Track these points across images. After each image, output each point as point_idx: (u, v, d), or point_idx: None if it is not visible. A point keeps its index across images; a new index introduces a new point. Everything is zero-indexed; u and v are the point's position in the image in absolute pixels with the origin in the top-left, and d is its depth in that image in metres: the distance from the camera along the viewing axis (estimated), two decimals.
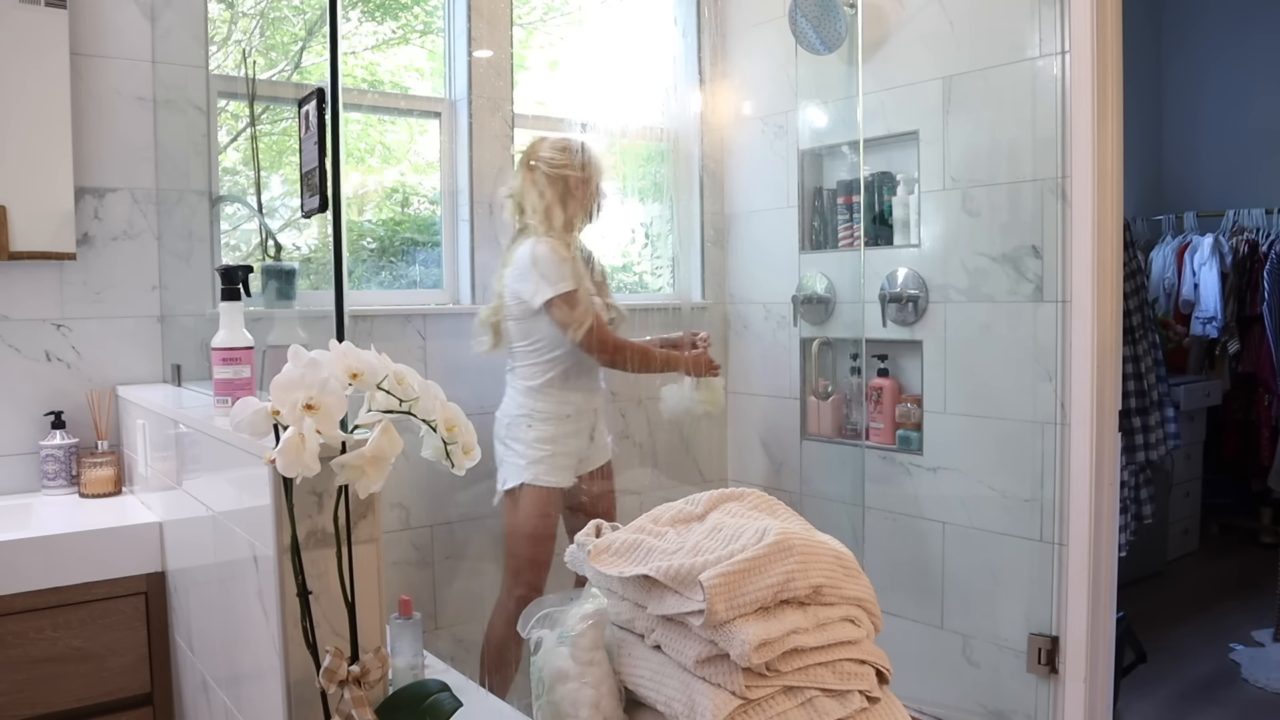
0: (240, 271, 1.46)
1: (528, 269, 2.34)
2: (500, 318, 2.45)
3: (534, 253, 2.34)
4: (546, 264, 2.33)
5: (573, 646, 1.11)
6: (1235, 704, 3.01)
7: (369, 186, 2.79)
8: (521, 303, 2.37)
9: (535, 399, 2.40)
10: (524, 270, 2.35)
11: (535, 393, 2.41)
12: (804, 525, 1.14)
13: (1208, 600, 3.94)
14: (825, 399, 3.02)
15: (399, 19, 2.85)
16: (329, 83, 1.24)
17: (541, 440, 2.39)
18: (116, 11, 2.15)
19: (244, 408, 1.00)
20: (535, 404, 2.40)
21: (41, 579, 1.66)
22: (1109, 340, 2.26)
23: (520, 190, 2.45)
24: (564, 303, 2.33)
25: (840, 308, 2.98)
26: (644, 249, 3.30)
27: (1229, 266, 4.56)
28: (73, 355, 2.13)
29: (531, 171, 2.42)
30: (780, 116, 3.12)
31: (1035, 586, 2.41)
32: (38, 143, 2.03)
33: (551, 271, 2.32)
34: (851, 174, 2.96)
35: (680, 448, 3.20)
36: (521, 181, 2.45)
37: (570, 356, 2.41)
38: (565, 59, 3.08)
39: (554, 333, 2.37)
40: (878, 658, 1.09)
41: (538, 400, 2.40)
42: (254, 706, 1.27)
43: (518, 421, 2.41)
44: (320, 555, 1.09)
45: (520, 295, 2.36)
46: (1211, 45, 5.01)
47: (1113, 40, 2.24)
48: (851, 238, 2.94)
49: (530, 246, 2.36)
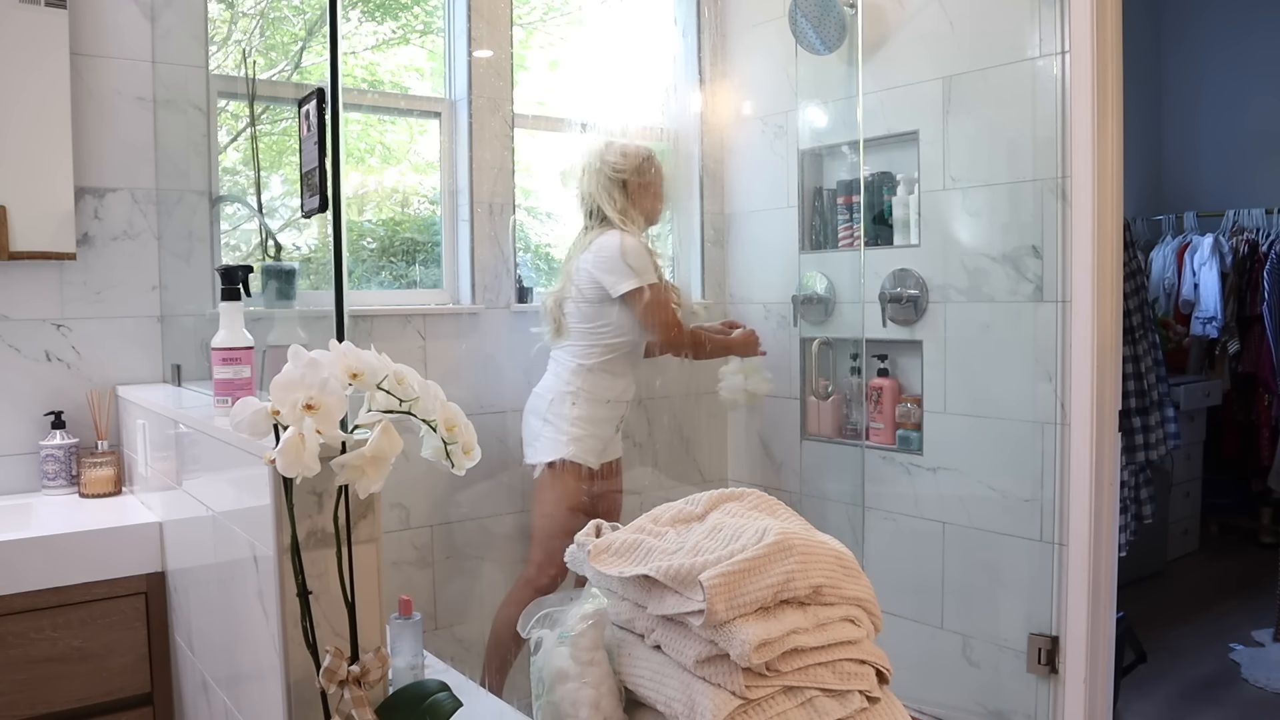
0: (240, 271, 1.46)
1: (616, 259, 2.46)
2: (563, 299, 2.56)
3: (623, 245, 2.47)
4: (634, 257, 2.47)
5: (573, 646, 1.11)
6: (1235, 704, 3.01)
7: (369, 186, 2.79)
8: (598, 288, 2.48)
9: (584, 378, 2.51)
10: (611, 259, 2.47)
11: (586, 372, 2.51)
12: (804, 525, 1.14)
13: (1208, 600, 3.94)
14: (825, 399, 3.02)
15: (399, 19, 2.85)
16: (329, 83, 1.24)
17: (582, 419, 2.49)
18: (116, 11, 2.15)
19: (244, 408, 1.00)
20: (583, 383, 2.50)
21: (41, 579, 1.66)
22: (1109, 340, 2.26)
23: (587, 191, 2.58)
24: (648, 294, 2.48)
25: (840, 308, 2.98)
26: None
27: (1229, 266, 4.56)
28: (73, 355, 2.13)
29: (596, 175, 2.57)
30: (780, 116, 3.12)
31: (1035, 586, 2.41)
32: (38, 143, 2.03)
33: (638, 264, 2.47)
34: (851, 174, 2.96)
35: (680, 448, 3.20)
36: (588, 183, 2.58)
37: (627, 346, 2.55)
38: (565, 59, 3.08)
39: (622, 320, 2.51)
40: (878, 658, 1.09)
41: (585, 380, 2.50)
42: (254, 706, 1.27)
43: (563, 397, 2.50)
44: (320, 555, 1.09)
45: (601, 282, 2.47)
46: (1211, 45, 5.01)
47: (1113, 40, 2.24)
48: (851, 238, 2.94)
49: (618, 238, 2.48)
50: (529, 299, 2.87)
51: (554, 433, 2.49)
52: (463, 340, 2.69)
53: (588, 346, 2.52)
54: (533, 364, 2.69)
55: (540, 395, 2.55)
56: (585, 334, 2.53)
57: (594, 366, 2.51)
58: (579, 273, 2.52)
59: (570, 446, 2.47)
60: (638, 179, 2.55)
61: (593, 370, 2.51)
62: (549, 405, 2.51)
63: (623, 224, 2.52)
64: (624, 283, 2.46)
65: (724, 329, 2.86)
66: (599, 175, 2.54)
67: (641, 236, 2.56)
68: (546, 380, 2.57)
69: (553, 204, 3.08)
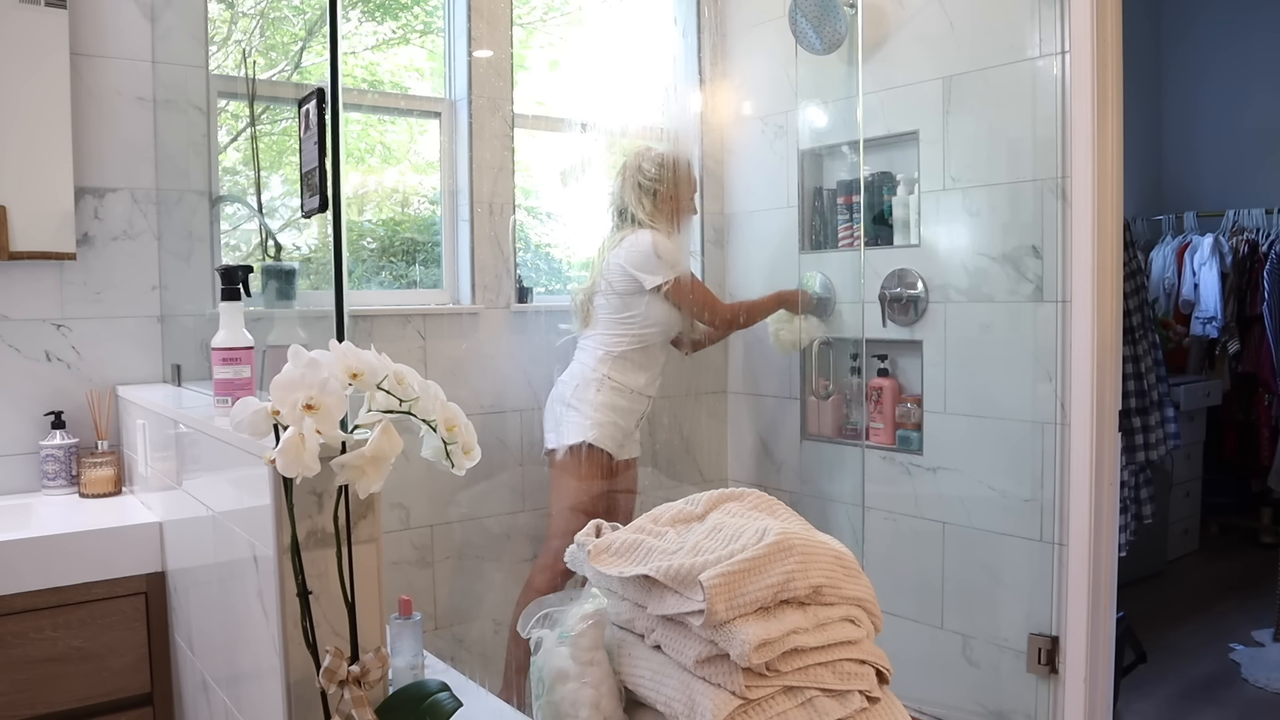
0: (240, 271, 1.46)
1: (649, 254, 2.57)
2: (593, 293, 2.65)
3: (654, 241, 2.58)
4: (666, 251, 2.59)
5: (573, 646, 1.11)
6: (1235, 704, 3.01)
7: (369, 186, 2.79)
8: (630, 280, 2.58)
9: (611, 366, 2.58)
10: (645, 254, 2.58)
11: (613, 360, 2.59)
12: (804, 525, 1.14)
13: (1208, 600, 3.94)
14: (825, 399, 3.02)
15: (399, 19, 2.85)
16: (329, 83, 1.24)
17: (606, 405, 2.56)
18: (116, 11, 2.15)
19: (244, 408, 1.00)
20: (610, 370, 2.58)
21: (41, 579, 1.66)
22: (1109, 340, 2.26)
23: (620, 194, 2.69)
24: (686, 283, 2.63)
25: (840, 308, 2.98)
26: None
27: (1229, 266, 4.56)
28: (73, 355, 2.13)
29: (631, 181, 2.68)
30: (780, 116, 3.12)
31: (1035, 586, 2.41)
32: (38, 143, 2.03)
33: (670, 258, 2.59)
34: (851, 174, 2.96)
35: (680, 448, 3.20)
36: (622, 187, 2.69)
37: (655, 336, 2.64)
38: (565, 59, 3.08)
39: (651, 312, 2.60)
40: (878, 658, 1.09)
41: (612, 368, 2.58)
42: (254, 706, 1.27)
43: (589, 383, 2.57)
44: (320, 555, 1.09)
45: (634, 275, 2.57)
46: (1211, 45, 5.01)
47: (1113, 40, 2.24)
48: (851, 238, 2.94)
49: (650, 235, 2.59)
50: (529, 299, 2.88)
51: (578, 417, 2.55)
52: (463, 340, 2.69)
53: (618, 336, 2.60)
54: (554, 358, 2.74)
55: (566, 382, 2.62)
56: (614, 323, 2.61)
57: (621, 355, 2.59)
58: (611, 267, 2.60)
59: (593, 431, 2.53)
60: (668, 189, 2.67)
61: (619, 358, 2.59)
62: (574, 390, 2.58)
63: (653, 225, 2.64)
64: (656, 275, 2.56)
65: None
66: (632, 181, 2.66)
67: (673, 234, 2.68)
68: (573, 368, 2.64)
69: (553, 204, 3.08)
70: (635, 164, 2.68)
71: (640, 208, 2.64)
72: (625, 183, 2.68)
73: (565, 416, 2.57)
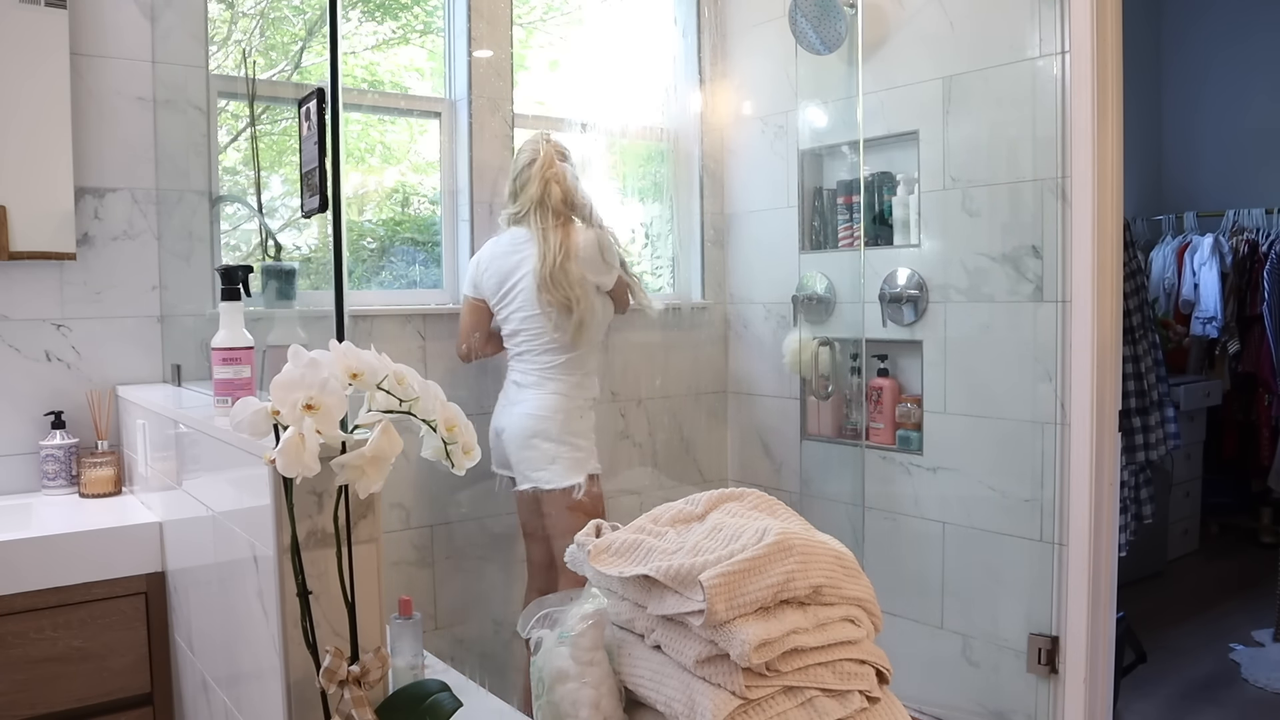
0: (240, 271, 1.46)
1: (596, 256, 2.40)
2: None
3: (600, 239, 2.41)
4: (609, 250, 2.43)
5: (573, 646, 1.11)
6: (1235, 704, 3.01)
7: (369, 186, 2.79)
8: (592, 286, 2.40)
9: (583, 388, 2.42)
10: (593, 257, 2.39)
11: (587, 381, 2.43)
12: (804, 525, 1.14)
13: (1208, 600, 3.94)
14: (825, 399, 3.02)
15: (399, 19, 2.85)
16: (329, 83, 1.24)
17: (592, 428, 2.43)
18: (116, 11, 2.15)
19: (244, 408, 1.00)
20: (585, 392, 2.43)
21: (41, 579, 1.66)
22: (1109, 340, 2.26)
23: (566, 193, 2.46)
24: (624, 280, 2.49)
25: (840, 308, 2.98)
26: (644, 249, 3.30)
27: (1229, 266, 4.56)
28: (73, 355, 2.13)
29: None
30: (780, 116, 3.12)
31: (1035, 586, 2.41)
32: (38, 143, 2.03)
33: (612, 255, 2.44)
34: (851, 174, 2.96)
35: (680, 448, 3.20)
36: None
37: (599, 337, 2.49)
38: (565, 59, 3.08)
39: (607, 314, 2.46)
40: (878, 658, 1.09)
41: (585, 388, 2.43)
42: (254, 706, 1.27)
43: (574, 412, 2.38)
44: (320, 555, 1.09)
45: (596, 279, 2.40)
46: (1211, 45, 5.01)
47: (1113, 40, 2.24)
48: (851, 238, 2.94)
49: (596, 235, 2.41)
50: None
51: (575, 452, 2.36)
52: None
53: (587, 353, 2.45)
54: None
55: (543, 418, 2.35)
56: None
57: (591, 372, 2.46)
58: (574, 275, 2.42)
59: (593, 459, 2.40)
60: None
61: (589, 377, 2.45)
62: (561, 426, 2.35)
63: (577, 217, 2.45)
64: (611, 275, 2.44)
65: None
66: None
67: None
68: (544, 399, 2.37)
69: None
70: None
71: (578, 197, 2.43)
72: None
73: (560, 454, 2.34)
